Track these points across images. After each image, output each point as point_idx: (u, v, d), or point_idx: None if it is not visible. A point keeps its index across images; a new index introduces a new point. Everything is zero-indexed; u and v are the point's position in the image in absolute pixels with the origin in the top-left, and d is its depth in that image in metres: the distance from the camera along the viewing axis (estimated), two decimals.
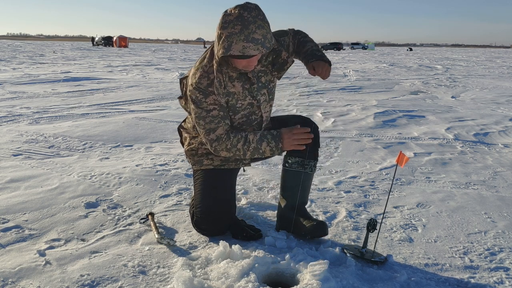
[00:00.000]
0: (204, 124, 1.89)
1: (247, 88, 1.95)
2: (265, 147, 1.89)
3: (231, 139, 1.89)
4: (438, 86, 9.77)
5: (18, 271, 1.72)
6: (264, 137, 1.89)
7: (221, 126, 1.89)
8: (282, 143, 1.88)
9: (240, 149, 1.89)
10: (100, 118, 5.17)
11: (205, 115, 1.88)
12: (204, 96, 1.87)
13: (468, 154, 3.71)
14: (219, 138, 1.89)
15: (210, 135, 1.89)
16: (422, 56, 32.57)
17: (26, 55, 22.81)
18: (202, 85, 1.86)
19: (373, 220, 1.85)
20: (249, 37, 1.69)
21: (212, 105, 1.88)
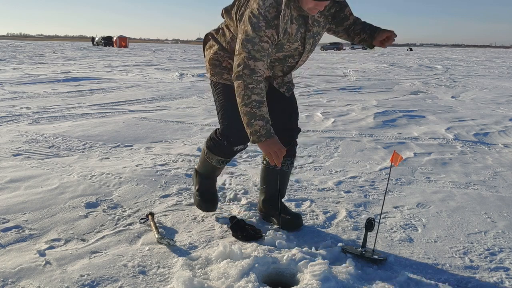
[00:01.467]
0: (250, 49, 1.81)
1: (301, 33, 1.92)
2: (257, 125, 1.82)
3: (257, 86, 1.82)
4: (438, 86, 9.78)
5: (18, 271, 1.72)
6: (266, 121, 1.83)
7: (263, 61, 1.83)
8: (263, 143, 1.84)
9: (248, 99, 1.81)
10: (100, 118, 5.17)
11: (257, 42, 1.80)
12: (266, 26, 1.80)
13: (468, 154, 3.71)
14: (254, 72, 1.81)
15: (250, 61, 1.81)
16: (422, 56, 32.57)
17: (26, 55, 22.81)
18: (269, 14, 1.80)
19: (371, 219, 1.86)
20: None
21: (268, 37, 1.82)
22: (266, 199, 2.26)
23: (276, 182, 2.19)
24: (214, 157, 2.12)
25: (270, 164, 1.98)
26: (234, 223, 2.08)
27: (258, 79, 1.82)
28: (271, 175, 2.21)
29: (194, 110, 5.87)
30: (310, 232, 2.13)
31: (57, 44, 62.34)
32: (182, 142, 4.00)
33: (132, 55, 27.79)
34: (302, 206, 2.47)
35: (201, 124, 4.84)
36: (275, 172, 2.17)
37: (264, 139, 1.83)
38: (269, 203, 2.24)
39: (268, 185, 2.25)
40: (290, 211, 2.23)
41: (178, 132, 4.43)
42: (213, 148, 2.09)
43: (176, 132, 4.45)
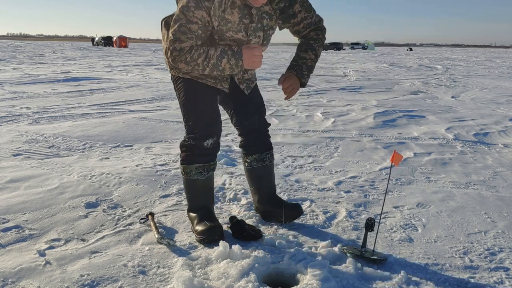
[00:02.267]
0: (176, 30, 1.78)
1: (244, 23, 1.86)
2: (225, 63, 1.81)
3: (192, 53, 1.80)
4: (438, 86, 9.78)
5: (18, 271, 1.72)
6: (224, 53, 1.81)
7: (190, 42, 1.79)
8: (242, 60, 1.81)
9: (200, 64, 1.81)
10: (100, 118, 5.17)
11: (184, 23, 1.77)
12: (195, 6, 1.76)
13: (468, 154, 3.71)
14: (181, 50, 1.79)
15: (175, 44, 1.79)
16: (422, 56, 32.57)
17: (26, 55, 22.81)
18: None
19: (371, 219, 1.86)
20: None
21: (197, 19, 1.77)
22: (260, 199, 2.27)
23: (263, 179, 2.24)
24: (192, 169, 2.01)
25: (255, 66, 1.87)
26: (234, 223, 2.08)
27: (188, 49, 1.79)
28: (255, 174, 2.24)
29: None
30: (310, 232, 2.13)
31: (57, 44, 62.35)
32: None
33: (132, 55, 27.79)
34: (302, 206, 2.47)
35: None
36: (257, 171, 2.22)
37: (240, 62, 1.81)
38: (264, 202, 2.25)
39: (257, 185, 2.27)
40: (287, 202, 2.24)
41: (178, 132, 4.43)
42: (186, 157, 2.01)
43: (176, 132, 4.45)
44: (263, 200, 2.26)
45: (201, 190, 2.08)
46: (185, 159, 2.02)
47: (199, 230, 2.00)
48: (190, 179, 2.04)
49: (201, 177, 2.03)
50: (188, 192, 2.11)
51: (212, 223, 2.00)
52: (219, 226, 2.01)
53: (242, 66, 1.83)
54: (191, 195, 2.11)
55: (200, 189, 2.08)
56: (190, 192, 2.10)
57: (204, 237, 1.96)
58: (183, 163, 2.03)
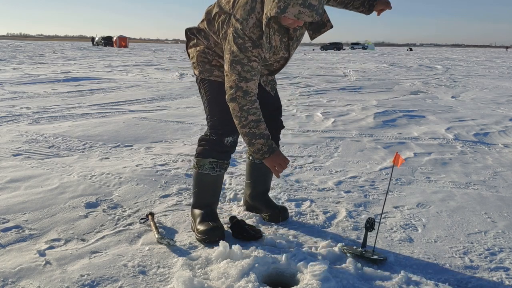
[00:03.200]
0: (240, 71, 1.83)
1: (284, 42, 1.94)
2: (259, 143, 1.88)
3: (252, 106, 1.85)
4: (438, 86, 9.78)
5: (18, 271, 1.72)
6: (267, 138, 1.89)
7: (255, 80, 1.86)
8: (268, 157, 1.90)
9: (245, 120, 1.85)
10: (100, 118, 5.17)
11: (246, 63, 1.82)
12: (253, 47, 1.82)
13: (468, 154, 3.71)
14: (247, 93, 1.84)
15: (241, 83, 1.83)
16: (422, 56, 32.57)
17: (26, 55, 22.81)
18: (254, 35, 1.81)
19: (371, 219, 1.86)
20: (306, 2, 1.64)
21: (255, 56, 1.84)
22: (252, 194, 2.34)
23: (261, 177, 2.31)
24: (205, 163, 2.03)
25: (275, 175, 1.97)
26: (234, 223, 2.08)
27: (252, 99, 1.85)
28: (257, 171, 2.30)
29: (194, 110, 5.87)
30: (310, 232, 2.13)
31: (57, 44, 62.36)
32: (182, 142, 4.00)
33: (132, 55, 27.80)
34: (302, 206, 2.47)
35: (201, 124, 4.84)
36: (260, 169, 2.26)
37: (267, 155, 1.90)
38: (255, 198, 2.33)
39: (253, 181, 2.33)
40: (276, 204, 2.31)
41: (178, 132, 4.43)
42: (203, 150, 2.04)
43: (176, 132, 4.45)
44: (254, 196, 2.33)
45: (209, 187, 2.10)
46: (201, 152, 2.04)
47: (200, 230, 2.01)
48: (201, 173, 2.05)
49: (212, 173, 2.05)
50: (196, 186, 2.12)
51: (215, 223, 2.02)
52: (221, 227, 2.03)
53: (264, 159, 1.91)
54: (199, 190, 2.11)
55: (208, 186, 2.09)
56: (198, 187, 2.11)
57: (206, 237, 1.98)
58: (199, 156, 2.05)
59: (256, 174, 2.31)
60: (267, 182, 2.35)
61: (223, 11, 1.90)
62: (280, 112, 2.28)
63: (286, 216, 2.27)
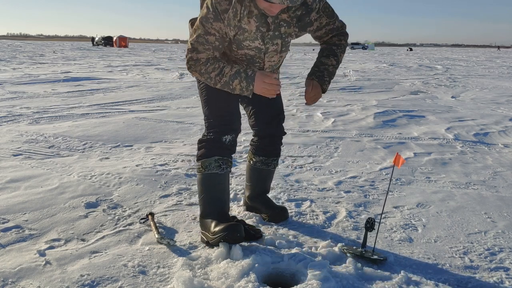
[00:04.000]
0: (194, 40, 1.81)
1: (261, 31, 1.85)
2: (236, 84, 1.82)
3: (207, 66, 1.82)
4: (438, 86, 9.78)
5: (18, 271, 1.72)
6: (238, 74, 1.81)
7: (207, 53, 1.82)
8: (253, 85, 1.81)
9: (212, 78, 1.83)
10: (100, 118, 5.17)
11: (201, 34, 1.79)
12: (214, 18, 1.77)
13: (468, 154, 3.71)
14: (198, 60, 1.83)
15: (192, 53, 1.82)
16: (422, 56, 32.57)
17: (26, 55, 22.81)
18: (220, 6, 1.75)
19: (371, 219, 1.86)
20: None
21: (215, 30, 1.79)
22: (251, 196, 2.34)
23: (261, 181, 2.30)
24: (211, 162, 1.96)
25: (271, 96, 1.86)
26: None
27: (203, 61, 1.82)
28: (257, 174, 2.29)
29: (194, 110, 5.87)
30: (310, 232, 2.13)
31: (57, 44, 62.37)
32: (182, 142, 4.00)
33: (132, 55, 27.79)
34: (302, 206, 2.47)
35: (201, 124, 4.84)
36: (260, 172, 2.27)
37: (251, 86, 1.81)
38: (255, 199, 2.33)
39: (253, 183, 2.32)
40: (275, 204, 2.31)
41: (178, 132, 4.43)
42: (206, 151, 1.97)
43: (176, 132, 4.46)
44: (253, 198, 2.33)
45: (219, 188, 2.00)
46: (204, 153, 1.98)
47: (218, 229, 1.88)
48: (208, 173, 1.97)
49: (220, 171, 1.97)
50: (203, 191, 2.01)
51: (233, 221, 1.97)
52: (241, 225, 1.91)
53: (252, 90, 1.83)
54: (208, 195, 2.00)
55: (218, 186, 2.00)
56: (207, 191, 2.00)
57: (225, 233, 1.84)
58: (202, 158, 1.98)
59: (256, 177, 2.31)
60: (266, 185, 2.35)
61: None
62: (281, 119, 2.21)
63: (286, 216, 2.27)
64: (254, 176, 2.31)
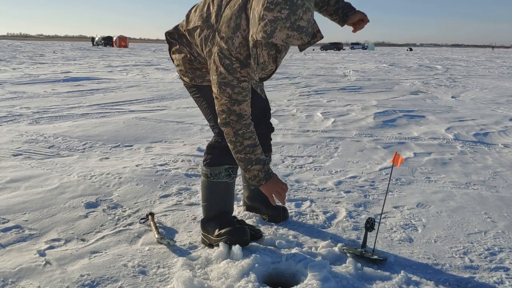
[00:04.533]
0: (231, 93, 1.72)
1: (271, 55, 1.83)
2: (255, 170, 1.80)
3: (247, 130, 1.76)
4: (438, 86, 9.77)
5: (18, 271, 1.72)
6: (263, 163, 1.81)
7: (247, 101, 1.76)
8: (266, 184, 1.82)
9: (242, 145, 1.76)
10: (100, 118, 5.17)
11: (235, 84, 1.71)
12: (241, 67, 1.71)
13: (468, 154, 3.71)
14: (241, 116, 1.74)
15: (233, 106, 1.73)
16: (422, 56, 32.57)
17: (26, 55, 22.81)
18: (241, 55, 1.70)
19: (371, 219, 1.86)
20: (295, 25, 1.51)
21: (244, 77, 1.73)
22: (250, 196, 2.34)
23: None
24: (221, 170, 1.93)
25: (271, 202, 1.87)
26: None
27: (247, 122, 1.76)
28: None
29: (194, 110, 5.87)
30: (310, 232, 2.13)
31: (57, 44, 62.38)
32: (182, 142, 4.00)
33: (132, 55, 27.80)
34: (302, 206, 2.47)
35: (201, 124, 4.84)
36: None
37: (264, 182, 1.81)
38: (254, 199, 2.32)
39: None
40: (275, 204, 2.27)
41: (178, 132, 4.43)
42: (217, 158, 1.93)
43: (176, 132, 4.46)
44: (252, 198, 2.33)
45: (226, 195, 1.99)
46: (214, 160, 1.94)
47: (223, 231, 1.90)
48: (216, 181, 1.94)
49: (229, 180, 1.96)
50: (209, 198, 1.99)
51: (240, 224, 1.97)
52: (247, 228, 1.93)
53: (259, 186, 1.83)
54: (213, 201, 1.99)
55: (225, 194, 1.99)
56: (213, 198, 1.98)
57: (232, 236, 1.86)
58: (211, 165, 1.94)
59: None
60: None
61: (206, 25, 1.78)
62: (270, 115, 2.21)
63: (286, 216, 2.27)
64: None
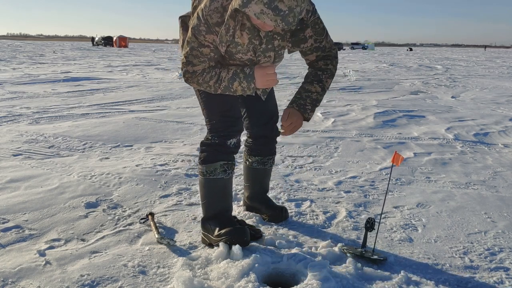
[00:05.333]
0: (188, 53, 1.77)
1: (253, 44, 1.78)
2: (236, 86, 1.78)
3: (204, 75, 1.79)
4: (438, 86, 9.77)
5: (18, 271, 1.72)
6: (236, 76, 1.77)
7: (203, 65, 1.78)
8: (254, 83, 1.78)
9: (211, 86, 1.80)
10: (100, 118, 5.17)
11: (195, 46, 1.75)
12: (206, 31, 1.71)
13: (468, 154, 3.71)
14: (194, 72, 1.79)
15: (187, 66, 1.79)
16: (422, 56, 32.57)
17: (26, 55, 22.81)
18: (211, 19, 1.69)
19: (371, 219, 1.86)
20: (272, 4, 1.48)
21: (208, 42, 1.74)
22: (250, 197, 2.34)
23: (259, 180, 2.30)
24: (216, 167, 1.92)
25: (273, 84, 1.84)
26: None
27: (201, 71, 1.79)
28: (254, 174, 2.29)
29: (194, 110, 5.87)
30: (310, 232, 2.13)
31: (57, 44, 62.37)
32: (182, 142, 4.00)
33: (132, 55, 27.80)
34: (302, 206, 2.47)
35: (201, 124, 4.84)
36: (257, 172, 2.27)
37: (252, 84, 1.78)
38: (254, 199, 2.33)
39: (251, 183, 2.32)
40: (275, 204, 2.31)
41: (178, 132, 4.43)
42: (211, 155, 1.92)
43: (176, 132, 4.45)
44: (252, 198, 2.33)
45: (223, 192, 1.98)
46: (208, 158, 1.93)
47: (223, 232, 1.89)
48: (212, 179, 1.93)
49: (225, 176, 1.94)
50: (207, 196, 1.98)
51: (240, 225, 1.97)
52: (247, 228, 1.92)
53: (254, 88, 1.80)
54: (211, 199, 1.97)
55: (222, 191, 1.97)
56: (211, 196, 1.97)
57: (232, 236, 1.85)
58: (206, 163, 1.93)
59: (253, 177, 2.30)
60: (264, 184, 2.33)
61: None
62: (277, 119, 2.18)
63: (286, 216, 2.27)
64: (252, 176, 2.30)
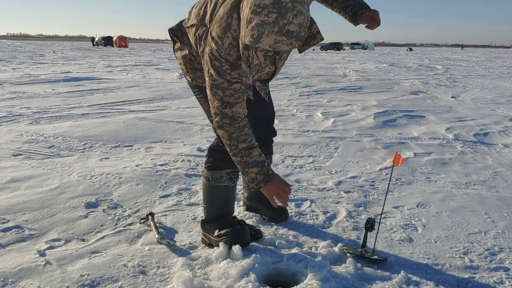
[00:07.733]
0: (222, 96, 1.67)
1: (269, 56, 1.74)
2: (253, 172, 1.74)
3: (242, 133, 1.70)
4: (438, 86, 9.77)
5: (18, 271, 1.72)
6: (261, 165, 1.74)
7: (240, 102, 1.69)
8: (265, 186, 1.76)
9: (238, 148, 1.72)
10: (100, 118, 5.17)
11: (226, 86, 1.66)
12: (231, 69, 1.64)
13: (468, 154, 3.71)
14: (233, 119, 1.69)
15: (225, 109, 1.68)
16: (422, 56, 32.57)
17: (26, 55, 22.81)
18: (231, 57, 1.63)
19: (371, 219, 1.86)
20: (283, 30, 1.43)
21: (236, 78, 1.67)
22: (250, 197, 2.34)
23: None
24: (222, 174, 1.92)
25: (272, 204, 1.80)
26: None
27: (241, 125, 1.70)
28: None
29: (194, 110, 5.87)
30: (310, 232, 2.13)
31: (57, 44, 62.39)
32: (182, 142, 4.00)
33: (132, 55, 27.80)
34: (302, 206, 2.47)
35: (201, 124, 4.84)
36: None
37: (263, 184, 1.75)
38: (253, 199, 2.32)
39: None
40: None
41: (178, 132, 4.43)
42: (219, 162, 1.91)
43: (176, 132, 4.45)
44: (252, 198, 2.33)
45: (226, 198, 1.99)
46: (215, 164, 1.91)
47: (223, 232, 1.90)
48: (217, 185, 1.93)
49: (231, 184, 1.95)
50: (210, 201, 1.98)
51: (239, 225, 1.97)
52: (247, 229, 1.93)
53: (259, 188, 1.77)
54: (214, 204, 1.98)
55: (226, 197, 1.98)
56: (214, 201, 1.98)
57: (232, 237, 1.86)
58: (212, 169, 1.92)
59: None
60: None
61: (201, 23, 1.74)
62: (273, 120, 2.18)
63: (286, 216, 2.27)
64: None
